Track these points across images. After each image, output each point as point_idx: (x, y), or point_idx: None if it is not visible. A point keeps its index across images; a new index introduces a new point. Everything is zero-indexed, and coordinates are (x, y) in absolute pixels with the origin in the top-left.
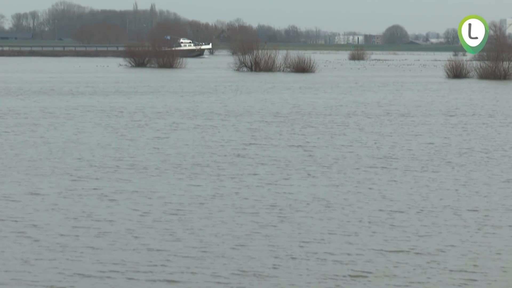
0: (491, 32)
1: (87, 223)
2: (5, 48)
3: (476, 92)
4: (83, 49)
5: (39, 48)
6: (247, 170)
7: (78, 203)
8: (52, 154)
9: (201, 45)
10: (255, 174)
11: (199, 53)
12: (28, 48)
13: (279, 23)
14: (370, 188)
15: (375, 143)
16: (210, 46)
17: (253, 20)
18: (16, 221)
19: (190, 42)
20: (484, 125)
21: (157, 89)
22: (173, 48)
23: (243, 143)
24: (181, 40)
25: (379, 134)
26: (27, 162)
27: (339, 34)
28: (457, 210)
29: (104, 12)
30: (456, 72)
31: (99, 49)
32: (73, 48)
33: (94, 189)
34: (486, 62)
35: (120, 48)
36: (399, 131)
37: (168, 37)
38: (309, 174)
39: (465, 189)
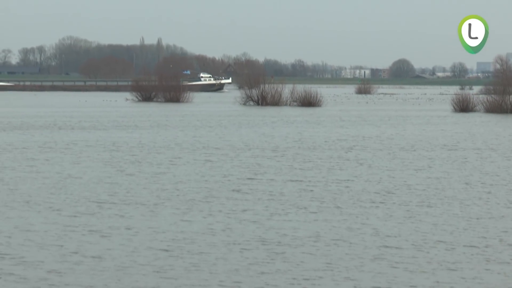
0: (498, 66)
1: (77, 259)
2: (27, 83)
3: (480, 126)
4: (103, 83)
5: (61, 83)
6: (243, 206)
7: (69, 239)
8: (47, 189)
9: (221, 79)
10: (250, 210)
11: (219, 88)
12: (50, 83)
13: (286, 57)
14: (363, 223)
15: (374, 177)
16: (230, 80)
17: (259, 54)
18: (3, 257)
19: (210, 77)
20: (485, 160)
21: (160, 123)
22: (193, 83)
23: (241, 178)
24: (201, 75)
25: (378, 168)
26: (21, 197)
27: (345, 68)
28: (452, 245)
29: (111, 46)
30: (463, 106)
31: (120, 83)
32: (94, 83)
33: (87, 224)
34: (492, 95)
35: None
36: (398, 165)
37: (188, 72)
38: (305, 210)
39: (462, 224)
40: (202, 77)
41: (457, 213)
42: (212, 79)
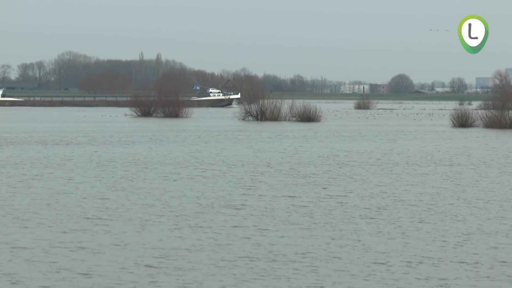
0: (497, 81)
1: (66, 275)
2: (37, 99)
3: (478, 141)
4: (113, 98)
5: (70, 99)
6: (233, 222)
7: (58, 255)
8: (37, 205)
9: (230, 95)
10: (241, 226)
11: (228, 103)
12: (59, 99)
13: (285, 73)
14: (354, 240)
15: (366, 193)
16: (239, 96)
17: (258, 70)
18: None
19: (219, 92)
20: (479, 175)
21: (156, 138)
22: (203, 98)
23: (232, 193)
24: (210, 90)
25: (371, 183)
26: (11, 213)
27: (344, 83)
28: (442, 261)
29: (110, 62)
30: (462, 121)
31: (129, 99)
32: (103, 98)
33: (76, 241)
34: (492, 111)
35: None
36: (392, 181)
37: (198, 87)
38: (296, 226)
39: (452, 240)
40: (211, 92)
41: (448, 229)
42: (221, 94)
